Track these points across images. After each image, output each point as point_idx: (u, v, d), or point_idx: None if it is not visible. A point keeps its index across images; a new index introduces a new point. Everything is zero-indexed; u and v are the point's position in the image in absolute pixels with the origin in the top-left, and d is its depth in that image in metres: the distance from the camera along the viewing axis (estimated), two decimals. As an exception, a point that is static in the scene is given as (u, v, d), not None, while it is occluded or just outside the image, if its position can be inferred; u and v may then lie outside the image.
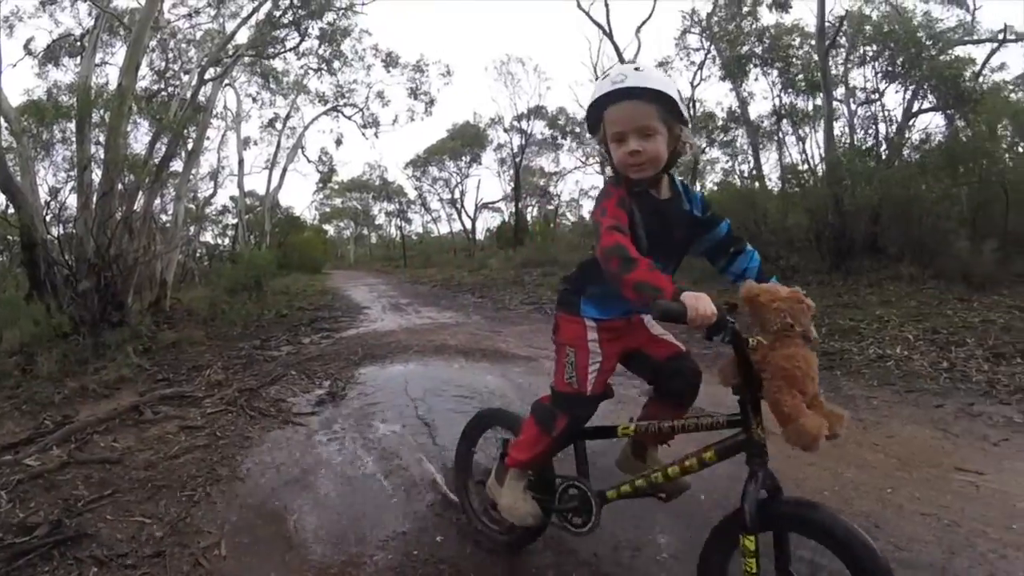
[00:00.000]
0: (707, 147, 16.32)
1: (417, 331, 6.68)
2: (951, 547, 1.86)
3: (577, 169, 27.71)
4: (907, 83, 10.29)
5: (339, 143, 21.91)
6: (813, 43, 10.71)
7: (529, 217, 27.54)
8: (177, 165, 11.34)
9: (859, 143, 10.64)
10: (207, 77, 10.75)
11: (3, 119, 7.52)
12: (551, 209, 28.79)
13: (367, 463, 2.81)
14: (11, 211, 6.95)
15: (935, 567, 1.76)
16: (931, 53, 9.75)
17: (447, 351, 5.36)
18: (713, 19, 13.90)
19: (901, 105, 10.58)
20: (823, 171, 9.75)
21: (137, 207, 8.25)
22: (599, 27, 15.56)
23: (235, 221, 24.23)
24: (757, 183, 13.60)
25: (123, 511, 2.37)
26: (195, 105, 10.58)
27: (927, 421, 3.03)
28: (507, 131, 24.52)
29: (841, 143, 10.44)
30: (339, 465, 2.81)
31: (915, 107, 10.41)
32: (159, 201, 11.82)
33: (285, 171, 22.78)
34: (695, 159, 13.81)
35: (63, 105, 8.27)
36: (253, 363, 5.21)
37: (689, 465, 1.44)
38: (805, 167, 11.84)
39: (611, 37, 15.43)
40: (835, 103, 10.82)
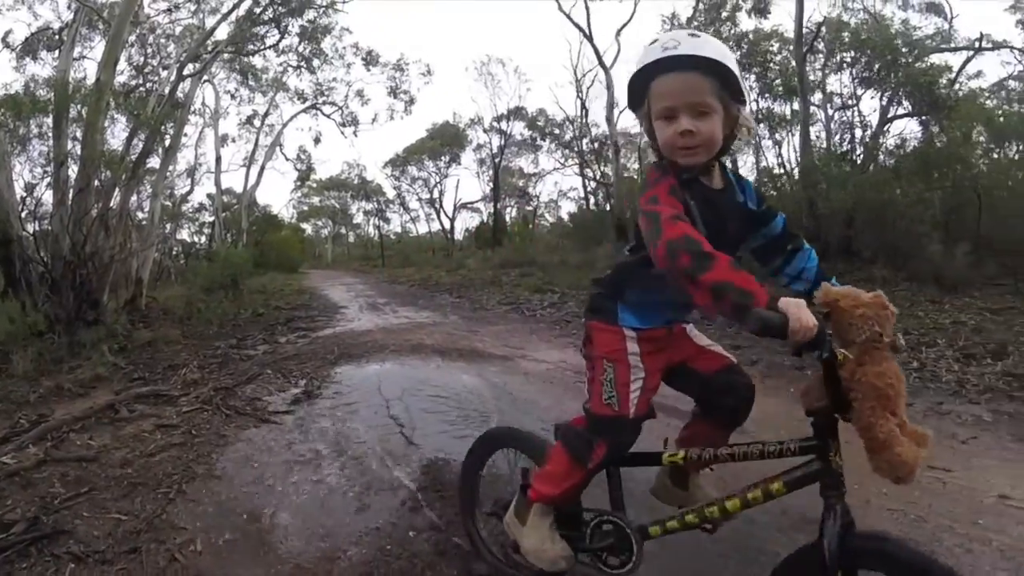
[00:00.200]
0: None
1: (394, 331, 6.74)
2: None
3: (556, 171, 27.98)
4: (883, 89, 10.44)
5: (318, 141, 22.08)
6: (791, 49, 10.89)
7: (508, 218, 27.51)
8: (154, 162, 11.28)
9: (835, 148, 10.81)
10: (186, 73, 10.65)
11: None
12: (530, 210, 28.77)
13: (342, 461, 2.87)
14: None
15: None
16: (907, 60, 9.92)
17: (424, 351, 5.44)
18: (693, 23, 14.08)
19: (877, 111, 10.74)
20: (799, 175, 9.92)
21: (113, 204, 8.18)
22: (580, 29, 15.69)
23: (212, 219, 23.97)
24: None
25: (99, 508, 2.41)
26: (173, 101, 10.52)
27: (897, 419, 3.14)
28: (487, 131, 24.52)
29: (817, 147, 10.64)
30: (314, 463, 2.87)
31: (891, 113, 10.57)
32: (135, 198, 11.67)
33: (263, 169, 22.67)
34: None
35: (41, 99, 8.15)
36: (229, 362, 5.24)
37: (753, 498, 1.23)
38: (781, 171, 12.03)
39: (591, 40, 15.58)
40: (812, 108, 10.98)
